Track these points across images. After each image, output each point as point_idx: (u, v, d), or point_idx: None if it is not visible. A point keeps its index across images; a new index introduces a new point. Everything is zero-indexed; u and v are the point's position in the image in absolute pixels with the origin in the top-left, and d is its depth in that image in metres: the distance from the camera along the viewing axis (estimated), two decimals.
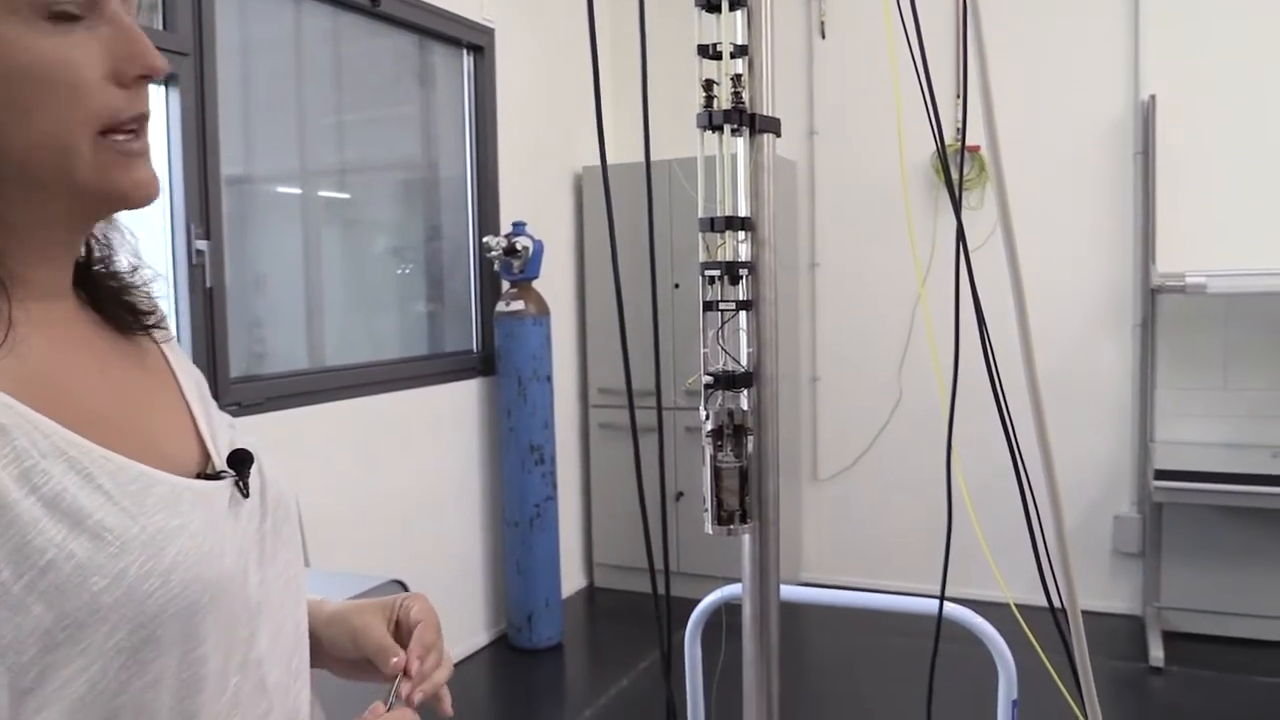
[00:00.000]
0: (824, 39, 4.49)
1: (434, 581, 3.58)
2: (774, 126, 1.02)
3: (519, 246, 3.77)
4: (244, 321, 3.04)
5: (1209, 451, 3.77)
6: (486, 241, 3.86)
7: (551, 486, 3.87)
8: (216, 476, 0.73)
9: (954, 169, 3.38)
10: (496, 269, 3.95)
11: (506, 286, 3.90)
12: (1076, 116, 4.07)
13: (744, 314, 1.03)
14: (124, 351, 0.74)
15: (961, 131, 3.97)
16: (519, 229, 3.82)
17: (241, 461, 0.75)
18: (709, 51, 1.01)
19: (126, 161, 0.67)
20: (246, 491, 0.74)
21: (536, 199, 4.29)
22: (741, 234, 1.02)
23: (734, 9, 1.00)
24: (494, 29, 4.03)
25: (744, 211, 1.02)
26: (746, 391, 1.02)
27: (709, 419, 1.02)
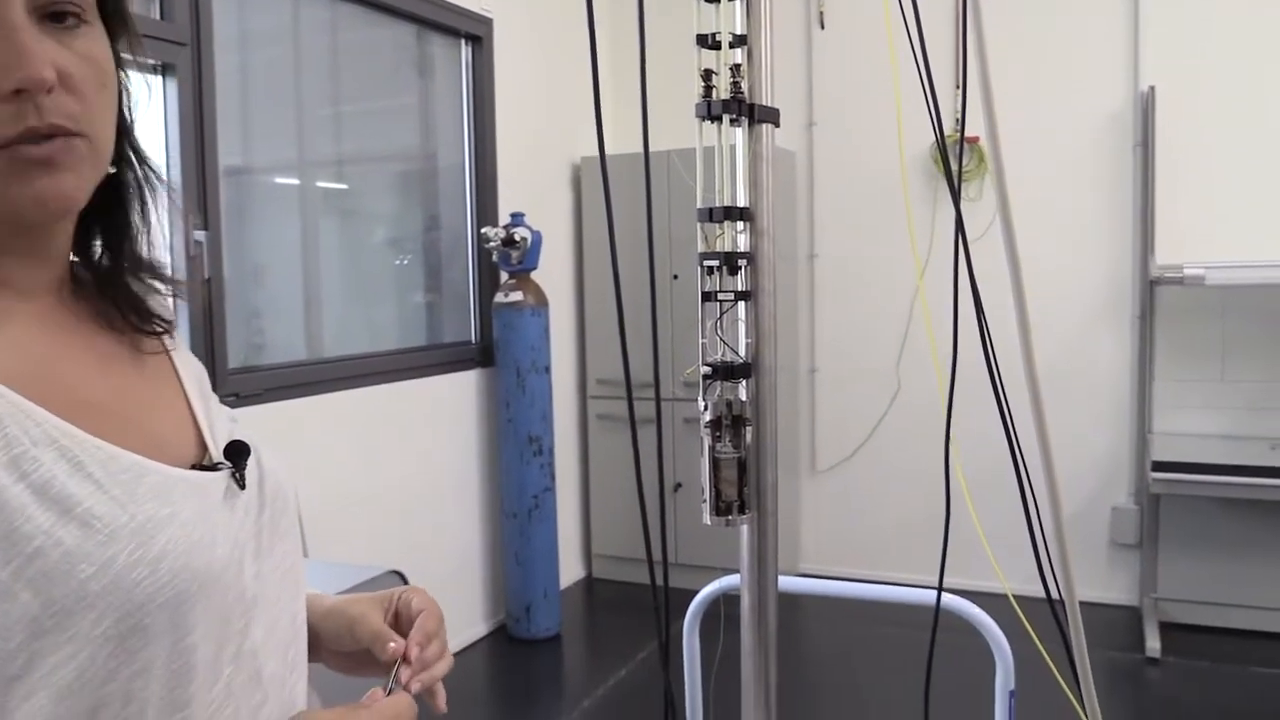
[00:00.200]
0: (823, 29, 4.48)
1: (433, 572, 3.58)
2: (773, 117, 1.02)
3: (517, 237, 3.77)
4: (242, 312, 3.04)
5: (1206, 443, 3.78)
6: (485, 232, 3.86)
7: (550, 477, 3.87)
8: (212, 468, 0.73)
9: (953, 160, 3.38)
10: (495, 260, 3.94)
11: (505, 277, 3.89)
12: (1076, 108, 4.07)
13: (742, 305, 1.03)
14: (123, 344, 0.74)
15: (961, 123, 3.96)
16: (517, 220, 3.82)
17: (239, 453, 0.75)
18: (708, 41, 1.00)
19: (23, 173, 0.62)
20: (243, 483, 0.74)
21: (535, 190, 4.28)
22: (740, 225, 1.02)
23: None
24: (492, 19, 4.02)
25: (742, 202, 1.02)
26: (745, 382, 1.02)
27: (707, 410, 1.02)
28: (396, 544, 3.45)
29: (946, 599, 1.42)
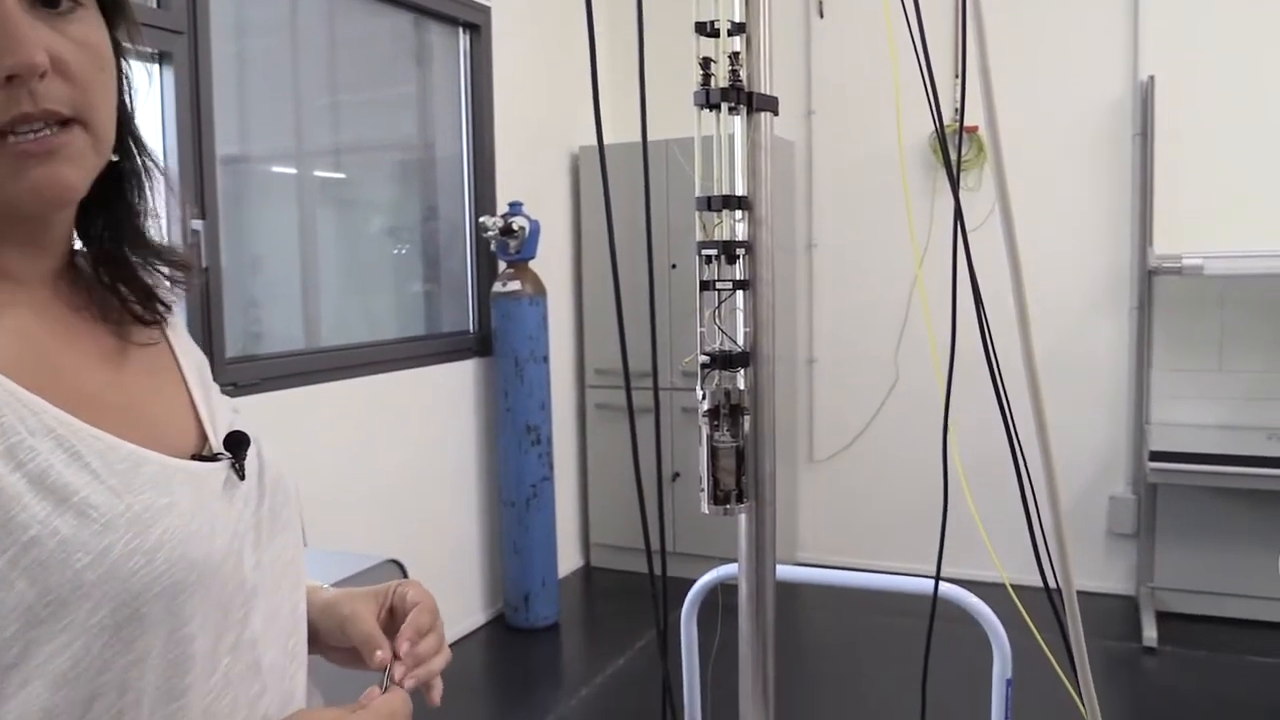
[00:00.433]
0: (822, 18, 4.47)
1: (431, 562, 3.59)
2: (771, 105, 1.01)
3: (515, 226, 3.76)
4: (240, 302, 3.03)
5: (1204, 433, 3.78)
6: (483, 221, 3.85)
7: (548, 467, 3.87)
8: (212, 458, 0.73)
9: (952, 150, 3.37)
10: (493, 249, 3.94)
11: (503, 267, 3.89)
12: (1075, 97, 4.06)
13: (741, 294, 1.03)
14: (123, 334, 0.74)
15: (960, 112, 3.95)
16: (516, 209, 3.81)
17: (238, 444, 0.75)
18: (706, 29, 1.00)
19: (18, 164, 0.62)
20: (243, 474, 0.74)
21: (533, 179, 4.27)
22: (738, 213, 1.02)
23: None
24: (490, 7, 4.00)
25: (741, 191, 1.02)
26: (743, 371, 1.02)
27: (705, 399, 1.02)
28: (394, 533, 3.45)
29: (944, 588, 1.42)
